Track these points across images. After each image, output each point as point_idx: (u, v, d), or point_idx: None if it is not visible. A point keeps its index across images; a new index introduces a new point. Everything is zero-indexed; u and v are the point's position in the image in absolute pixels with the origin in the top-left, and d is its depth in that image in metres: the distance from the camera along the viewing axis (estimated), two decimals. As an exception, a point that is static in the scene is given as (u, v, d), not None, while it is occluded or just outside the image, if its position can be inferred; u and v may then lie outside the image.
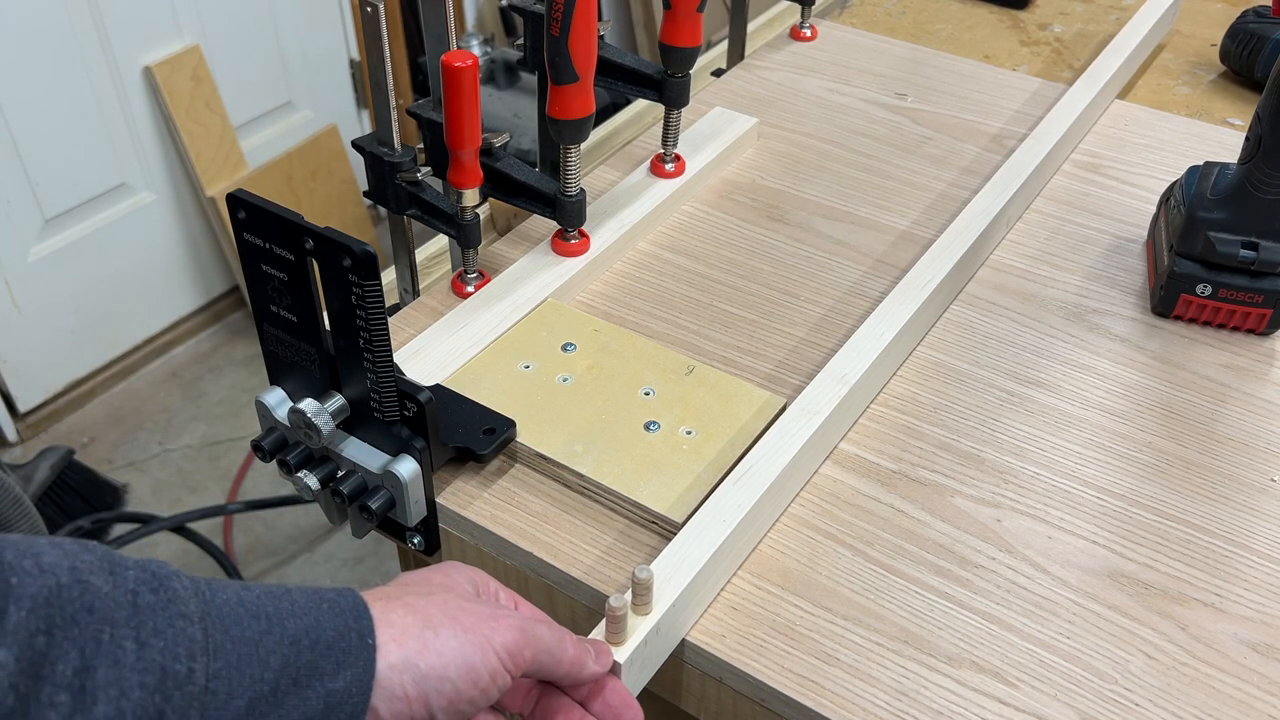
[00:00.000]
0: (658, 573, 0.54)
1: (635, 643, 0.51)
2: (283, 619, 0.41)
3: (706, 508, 0.58)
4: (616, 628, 0.51)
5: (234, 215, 0.54)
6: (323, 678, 0.40)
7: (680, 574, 0.54)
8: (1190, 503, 0.64)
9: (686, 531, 0.57)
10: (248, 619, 0.40)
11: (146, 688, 0.36)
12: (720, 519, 0.57)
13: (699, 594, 0.56)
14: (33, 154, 1.79)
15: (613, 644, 0.51)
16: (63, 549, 0.37)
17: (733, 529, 0.57)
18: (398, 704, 0.42)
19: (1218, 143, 0.94)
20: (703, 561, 0.55)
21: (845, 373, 0.66)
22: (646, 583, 0.51)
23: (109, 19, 1.82)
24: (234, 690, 0.39)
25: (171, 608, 0.38)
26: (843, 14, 1.16)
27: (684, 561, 0.55)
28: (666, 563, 0.55)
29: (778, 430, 0.62)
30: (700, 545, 0.56)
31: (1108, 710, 0.53)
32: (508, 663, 0.45)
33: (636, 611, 0.52)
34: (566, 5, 0.67)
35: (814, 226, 0.84)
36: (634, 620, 0.52)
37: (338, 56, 2.24)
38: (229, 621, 0.40)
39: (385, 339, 0.53)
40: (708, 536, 0.56)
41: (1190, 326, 0.76)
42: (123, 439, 1.98)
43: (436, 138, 0.72)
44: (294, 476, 0.60)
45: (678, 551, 0.56)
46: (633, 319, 0.75)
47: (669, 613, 0.53)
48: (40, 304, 1.89)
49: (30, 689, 0.34)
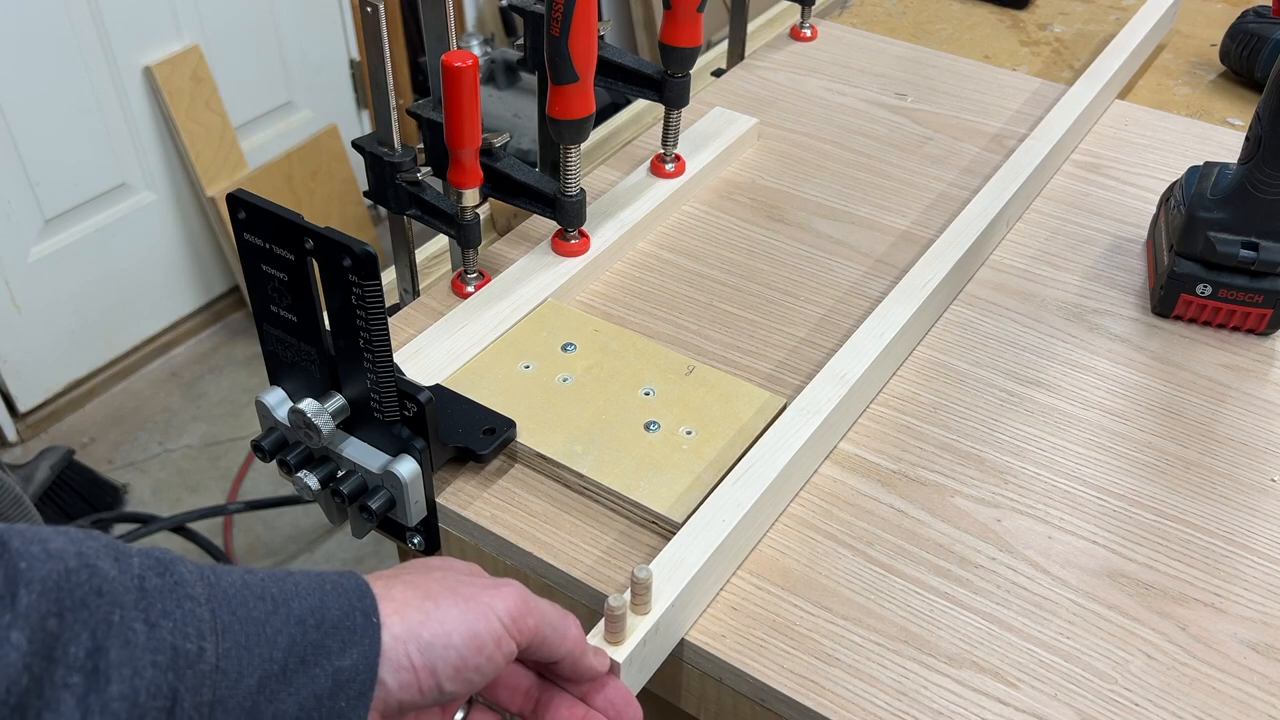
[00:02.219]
0: (656, 572, 0.54)
1: (634, 642, 0.51)
2: (288, 599, 0.41)
3: (706, 507, 0.58)
4: (615, 627, 0.51)
5: (234, 215, 0.54)
6: (330, 656, 0.41)
7: (679, 573, 0.54)
8: (1190, 503, 0.64)
9: (686, 531, 0.57)
10: (253, 600, 0.40)
11: (159, 666, 0.37)
12: (720, 518, 0.57)
13: (698, 594, 0.56)
14: (33, 154, 1.79)
15: (611, 644, 0.51)
16: (69, 535, 0.38)
17: (732, 528, 0.57)
18: (404, 674, 0.43)
19: (1218, 143, 0.94)
20: (702, 561, 0.55)
21: (845, 372, 0.66)
22: (645, 582, 0.51)
23: (109, 19, 1.82)
24: (244, 669, 0.39)
25: (179, 590, 0.39)
26: (843, 14, 1.16)
27: (683, 561, 0.55)
28: (665, 562, 0.55)
29: (777, 430, 0.62)
30: (699, 545, 0.56)
31: (1108, 710, 0.53)
32: (511, 629, 0.45)
33: (636, 611, 0.52)
34: (566, 5, 0.67)
35: (814, 226, 0.84)
36: (633, 620, 0.52)
37: (338, 56, 2.24)
38: (235, 603, 0.40)
39: (385, 339, 0.53)
40: (707, 536, 0.56)
41: (1190, 326, 0.76)
42: (123, 439, 1.98)
43: (436, 138, 0.72)
44: (294, 476, 0.60)
45: (677, 551, 0.56)
46: (633, 319, 0.75)
47: (668, 612, 0.53)
48: (40, 304, 1.89)
49: (44, 670, 0.34)
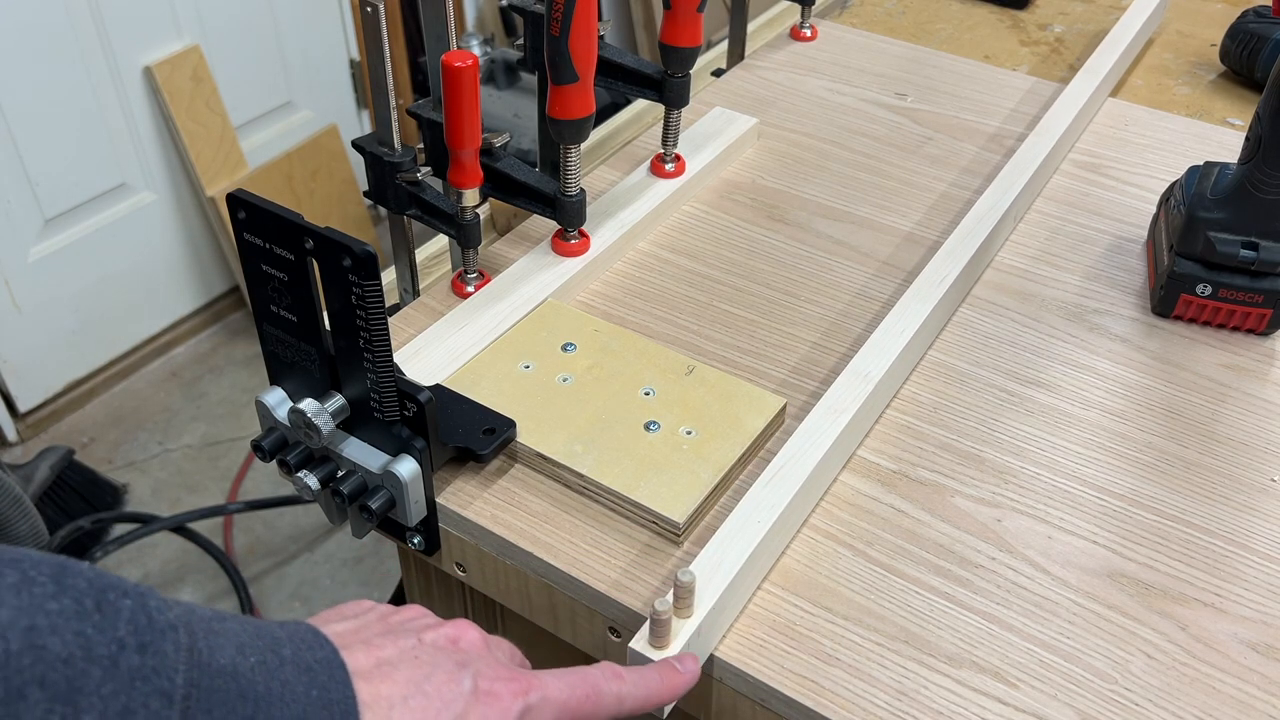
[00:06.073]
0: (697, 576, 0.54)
1: (679, 646, 0.51)
2: (271, 704, 0.37)
3: (739, 510, 0.58)
4: (661, 631, 0.51)
5: (234, 215, 0.54)
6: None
7: (719, 577, 0.54)
8: (1190, 503, 0.64)
9: (720, 535, 0.57)
10: (236, 699, 0.36)
11: None
12: (755, 519, 0.57)
13: (735, 597, 0.56)
14: (33, 154, 1.79)
15: (657, 648, 0.51)
16: (30, 596, 0.32)
17: (767, 530, 0.57)
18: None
19: (1218, 143, 0.94)
20: (740, 564, 0.55)
21: (869, 370, 0.66)
22: (689, 585, 0.51)
23: (109, 19, 1.82)
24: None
25: (152, 681, 0.33)
26: (843, 14, 1.16)
27: (721, 564, 0.55)
28: (704, 566, 0.55)
29: (804, 431, 0.62)
30: (735, 548, 0.56)
31: (1108, 710, 0.53)
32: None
33: (678, 615, 0.52)
34: (566, 5, 0.67)
35: (814, 226, 0.84)
36: (676, 624, 0.52)
37: (338, 56, 2.24)
38: (214, 701, 0.35)
39: (385, 339, 0.53)
40: (742, 539, 0.56)
41: (1190, 326, 0.76)
42: (123, 439, 1.98)
43: (436, 138, 0.72)
44: (294, 476, 0.60)
45: (713, 555, 0.56)
46: (633, 319, 0.75)
47: (709, 615, 0.53)
48: (40, 304, 1.89)
49: None
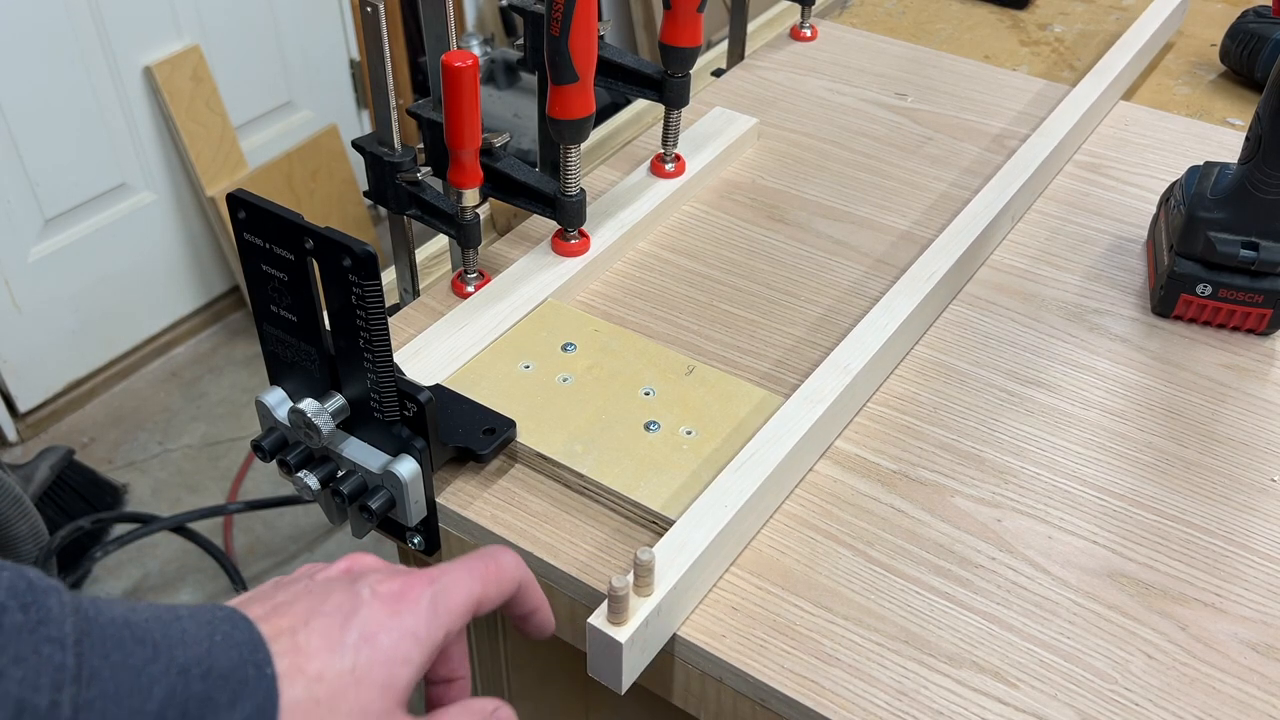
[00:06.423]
0: (659, 556, 0.54)
1: (637, 623, 0.52)
2: (171, 646, 0.37)
3: (707, 495, 0.59)
4: (619, 608, 0.51)
5: (234, 215, 0.54)
6: (218, 710, 0.37)
7: (682, 557, 0.55)
8: (1190, 503, 0.64)
9: (687, 517, 0.57)
10: (132, 643, 0.36)
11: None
12: (722, 504, 0.58)
13: (699, 579, 0.56)
14: (33, 154, 1.79)
15: (614, 624, 0.52)
16: None
17: (733, 515, 0.57)
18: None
19: (1218, 143, 0.94)
20: (703, 547, 0.55)
21: (848, 363, 0.66)
22: (648, 564, 0.52)
23: (109, 19, 1.82)
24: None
25: (40, 631, 0.34)
26: (843, 14, 1.16)
27: (685, 545, 0.55)
28: (668, 547, 0.55)
29: (779, 419, 0.63)
30: (701, 531, 0.56)
31: (1108, 710, 0.53)
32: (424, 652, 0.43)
33: (638, 593, 0.53)
34: (566, 5, 0.67)
35: (814, 226, 0.84)
36: (635, 601, 0.53)
37: (338, 56, 2.24)
38: (110, 646, 0.35)
39: (385, 339, 0.53)
40: (708, 522, 0.57)
41: (1190, 326, 0.76)
42: (123, 439, 1.98)
43: (436, 138, 0.72)
44: (294, 476, 0.60)
45: (679, 536, 0.56)
46: (633, 319, 0.75)
47: (669, 596, 0.54)
48: (40, 304, 1.89)
49: None
